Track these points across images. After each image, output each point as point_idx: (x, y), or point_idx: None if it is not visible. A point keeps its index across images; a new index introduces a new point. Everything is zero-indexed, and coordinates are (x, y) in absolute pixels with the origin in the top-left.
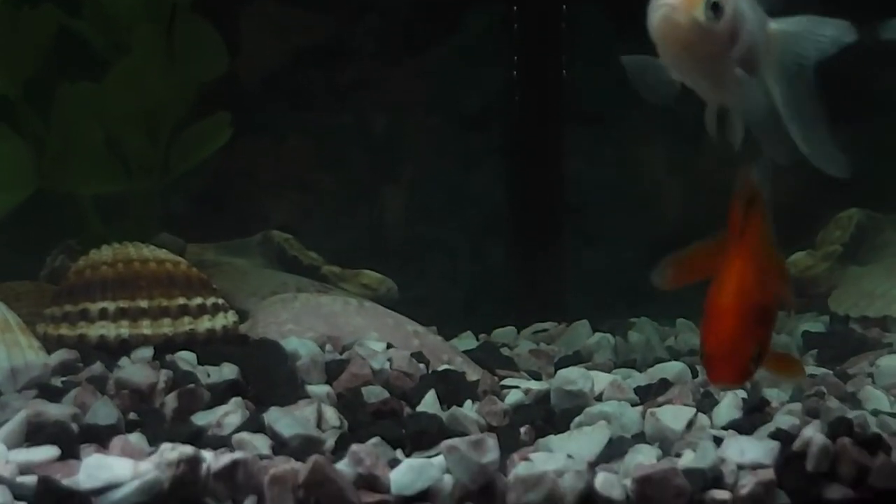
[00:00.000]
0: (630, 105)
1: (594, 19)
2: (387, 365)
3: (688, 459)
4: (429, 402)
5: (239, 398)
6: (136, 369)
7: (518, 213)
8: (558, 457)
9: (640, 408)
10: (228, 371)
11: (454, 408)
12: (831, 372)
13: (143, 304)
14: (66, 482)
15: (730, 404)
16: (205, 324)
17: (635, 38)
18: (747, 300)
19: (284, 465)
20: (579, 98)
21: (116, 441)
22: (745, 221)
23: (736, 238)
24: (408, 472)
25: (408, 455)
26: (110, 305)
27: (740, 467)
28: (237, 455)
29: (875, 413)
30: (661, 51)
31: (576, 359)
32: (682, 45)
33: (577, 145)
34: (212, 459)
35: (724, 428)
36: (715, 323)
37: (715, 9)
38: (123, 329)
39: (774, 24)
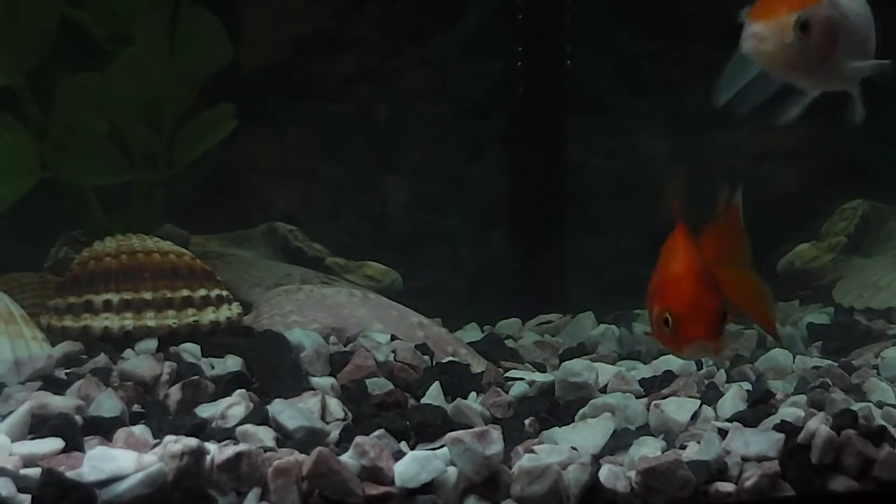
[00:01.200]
0: (633, 94)
1: (598, 8)
2: (391, 356)
3: (692, 451)
4: (433, 394)
5: (243, 390)
6: (140, 361)
7: (522, 204)
8: (563, 449)
9: (644, 400)
10: (232, 363)
11: (458, 399)
12: (836, 363)
13: (147, 295)
14: (70, 474)
15: (734, 396)
16: (209, 315)
17: (638, 26)
18: (700, 265)
19: (288, 457)
20: (582, 87)
21: (120, 433)
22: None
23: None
24: (412, 464)
25: (412, 447)
26: (114, 297)
27: (745, 459)
28: (241, 447)
29: (880, 405)
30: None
31: (580, 350)
32: (779, 66)
33: (580, 134)
34: (216, 451)
35: (729, 420)
36: (674, 288)
37: (804, 28)
38: (127, 321)
39: None
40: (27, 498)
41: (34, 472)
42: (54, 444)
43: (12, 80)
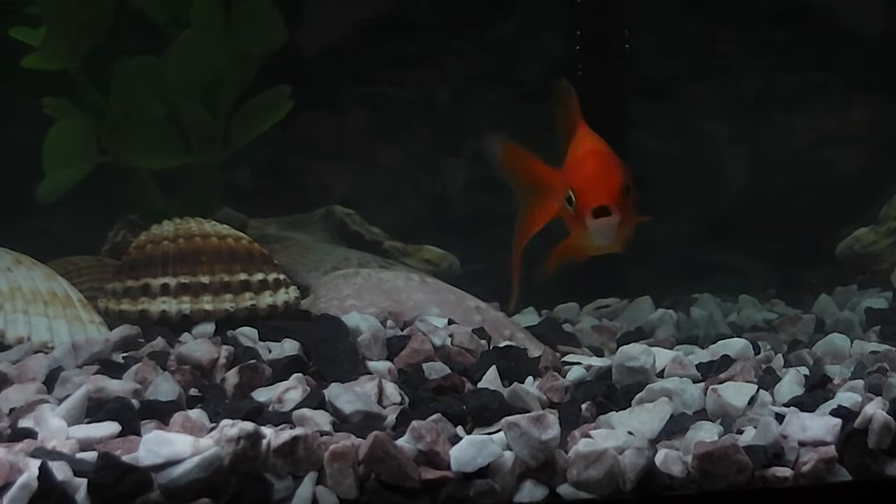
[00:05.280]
0: (691, 77)
1: None
2: (448, 341)
3: (749, 436)
4: (490, 378)
5: (300, 374)
6: (197, 345)
7: None
8: (619, 433)
9: (701, 384)
10: (289, 347)
11: (515, 384)
12: (894, 348)
13: (205, 279)
14: (126, 458)
15: (792, 381)
16: (266, 299)
17: (697, 9)
18: (603, 146)
19: (345, 441)
20: (641, 70)
21: (177, 417)
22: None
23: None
24: (468, 449)
25: (469, 431)
26: (171, 281)
27: (802, 444)
28: (297, 431)
29: None
30: None
31: (638, 335)
32: None
33: (638, 118)
34: (272, 435)
35: (786, 405)
36: (576, 166)
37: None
38: (185, 304)
39: None
40: (83, 482)
41: (91, 455)
42: (111, 427)
43: (69, 65)
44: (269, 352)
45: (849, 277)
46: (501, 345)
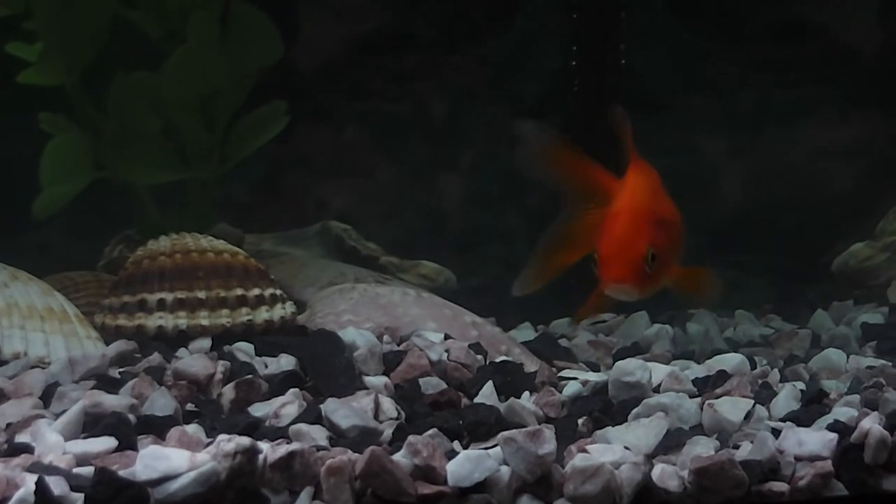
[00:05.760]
0: (688, 92)
1: (653, 6)
2: (444, 356)
3: (745, 451)
4: (486, 394)
5: (296, 389)
6: (193, 360)
7: None
8: (616, 448)
9: (698, 399)
10: (286, 362)
11: (512, 399)
12: (890, 363)
13: (201, 294)
14: (123, 473)
15: (788, 396)
16: (263, 314)
17: (694, 24)
18: (638, 203)
19: (341, 455)
20: (638, 85)
21: (174, 432)
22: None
23: (633, 162)
24: (465, 464)
25: (465, 446)
26: (168, 296)
27: (798, 459)
28: (294, 446)
29: None
30: None
31: (634, 350)
32: None
33: (635, 133)
34: (269, 450)
35: (783, 420)
36: (608, 228)
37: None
38: (181, 320)
39: None
40: (80, 497)
41: (87, 470)
42: (108, 442)
43: (66, 80)
44: (266, 367)
45: (845, 293)
46: (498, 360)
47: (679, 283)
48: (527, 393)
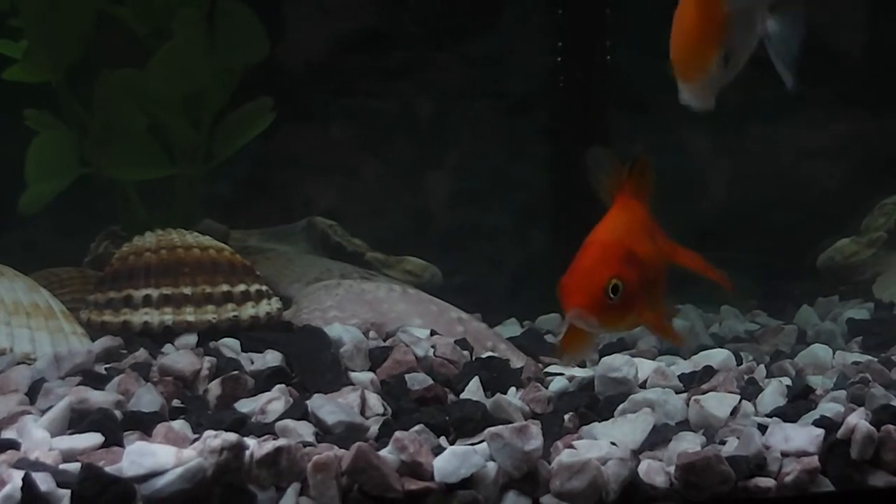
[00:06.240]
0: (673, 89)
1: (638, 3)
2: (430, 352)
3: (732, 447)
4: (472, 389)
5: (283, 385)
6: (179, 356)
7: (562, 199)
8: (602, 444)
9: (684, 395)
10: (272, 358)
11: (498, 395)
12: (876, 359)
13: (187, 290)
14: (109, 469)
15: (774, 392)
16: (248, 310)
17: None
18: (610, 236)
19: (328, 451)
20: (623, 82)
21: (160, 428)
22: (628, 184)
23: (619, 199)
24: (451, 459)
25: (451, 442)
26: (154, 292)
27: (784, 455)
28: (280, 442)
29: None
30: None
31: (620, 346)
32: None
33: (620, 130)
34: (255, 446)
35: (769, 415)
36: (576, 258)
37: None
38: (167, 316)
39: None
40: (67, 493)
41: (74, 466)
42: (94, 438)
43: (52, 77)
44: (252, 363)
45: (830, 288)
46: (484, 356)
47: (653, 326)
48: (513, 389)
